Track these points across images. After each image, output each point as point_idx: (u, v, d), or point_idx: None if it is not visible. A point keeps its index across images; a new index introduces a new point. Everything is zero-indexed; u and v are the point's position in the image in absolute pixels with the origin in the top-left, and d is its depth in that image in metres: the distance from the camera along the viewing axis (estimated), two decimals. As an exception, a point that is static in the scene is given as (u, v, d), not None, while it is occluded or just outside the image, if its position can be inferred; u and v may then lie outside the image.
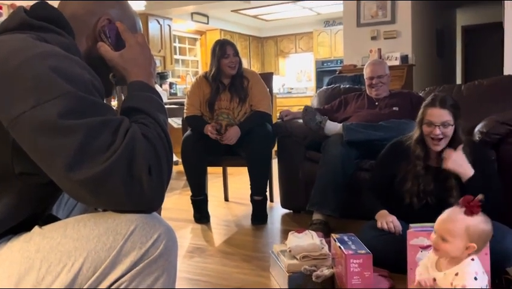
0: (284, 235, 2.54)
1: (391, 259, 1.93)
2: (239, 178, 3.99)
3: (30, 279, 0.87)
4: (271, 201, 3.43)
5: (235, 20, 8.59)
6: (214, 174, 3.93)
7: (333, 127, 2.76)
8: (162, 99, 1.03)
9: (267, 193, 3.09)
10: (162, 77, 7.06)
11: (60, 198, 1.24)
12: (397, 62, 5.50)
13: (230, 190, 3.72)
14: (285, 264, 1.92)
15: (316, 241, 1.99)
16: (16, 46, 0.88)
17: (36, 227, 0.93)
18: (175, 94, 7.30)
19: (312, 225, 2.61)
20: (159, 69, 7.04)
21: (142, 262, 0.88)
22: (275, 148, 3.18)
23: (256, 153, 2.92)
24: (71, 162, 0.81)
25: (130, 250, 0.88)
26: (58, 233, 0.90)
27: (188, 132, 3.07)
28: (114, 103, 4.61)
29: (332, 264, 1.90)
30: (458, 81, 8.12)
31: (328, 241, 2.01)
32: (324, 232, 2.48)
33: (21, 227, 0.95)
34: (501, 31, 4.61)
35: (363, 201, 2.29)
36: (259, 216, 3.00)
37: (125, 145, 0.84)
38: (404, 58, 5.54)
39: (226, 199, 3.68)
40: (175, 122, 5.36)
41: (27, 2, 1.11)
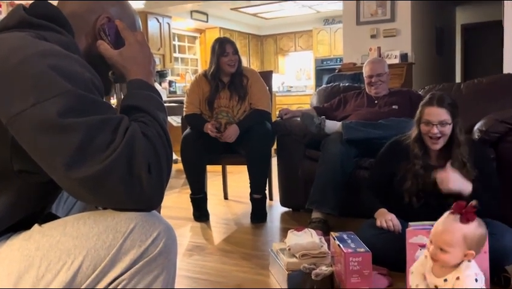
0: (283, 233, 2.55)
1: (390, 258, 1.94)
2: (238, 176, 3.99)
3: (30, 277, 0.87)
4: (270, 199, 3.43)
5: (234, 18, 8.59)
6: (214, 172, 3.93)
7: (332, 125, 2.76)
8: (161, 97, 1.03)
9: (267, 191, 3.08)
10: (161, 75, 7.06)
11: (59, 196, 1.24)
12: (396, 60, 5.49)
13: (229, 188, 3.72)
14: (284, 262, 1.92)
15: (315, 239, 1.99)
16: (15, 44, 0.88)
17: (36, 225, 0.93)
18: (174, 92, 7.30)
19: (311, 223, 2.61)
20: (158, 67, 7.03)
21: (142, 260, 0.88)
22: (274, 146, 3.18)
23: (255, 151, 2.92)
24: (70, 160, 0.81)
25: (129, 248, 0.88)
26: (58, 231, 0.90)
27: (187, 131, 3.07)
28: (114, 101, 4.61)
29: (332, 262, 1.91)
30: (458, 79, 8.11)
31: (327, 239, 2.02)
32: (323, 230, 2.48)
33: (20, 225, 0.95)
34: (501, 30, 4.61)
35: (362, 199, 2.30)
36: (258, 214, 3.00)
37: (125, 143, 0.84)
38: (403, 56, 5.53)
39: (226, 197, 3.68)
40: (174, 120, 5.36)
41: (26, 0, 1.11)
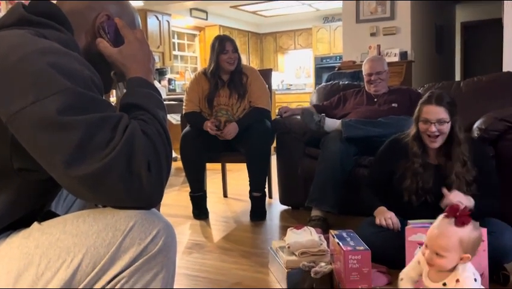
0: (283, 231, 2.55)
1: (389, 256, 1.94)
2: (238, 174, 3.99)
3: (29, 275, 0.87)
4: (270, 197, 3.43)
5: (234, 16, 8.57)
6: (213, 170, 3.93)
7: (332, 123, 2.76)
8: (161, 95, 1.03)
9: (266, 189, 3.09)
10: (161, 73, 7.06)
11: (59, 194, 1.24)
12: (396, 58, 5.49)
13: (229, 186, 3.72)
14: (283, 260, 1.92)
15: (315, 237, 1.99)
16: (15, 42, 0.88)
17: (35, 223, 0.93)
18: (174, 90, 7.30)
19: (311, 221, 2.61)
20: (158, 65, 7.02)
21: (141, 258, 0.88)
22: (274, 144, 3.17)
23: (255, 149, 2.92)
24: (70, 158, 0.81)
25: (129, 246, 0.88)
26: (57, 229, 0.90)
27: (187, 129, 3.07)
28: (113, 99, 4.60)
29: (331, 260, 1.91)
30: (457, 78, 8.11)
31: (327, 237, 2.02)
32: (323, 228, 2.48)
33: (20, 223, 0.95)
34: (500, 28, 4.61)
35: (362, 197, 2.30)
36: (258, 212, 3.00)
37: (124, 141, 0.84)
38: (403, 55, 5.53)
39: (225, 195, 3.68)
40: (174, 118, 5.36)
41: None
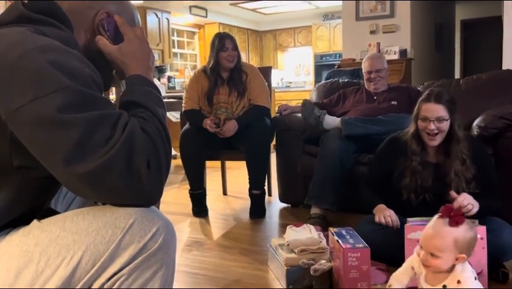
0: (282, 229, 2.55)
1: (389, 253, 1.94)
2: (237, 172, 3.99)
3: (29, 272, 0.88)
4: (269, 195, 3.43)
5: (233, 14, 8.56)
6: (213, 168, 3.92)
7: (331, 121, 2.76)
8: (160, 93, 1.03)
9: (266, 187, 3.09)
10: (160, 71, 7.05)
11: (59, 191, 1.24)
12: (395, 56, 5.49)
13: (228, 184, 3.72)
14: (283, 258, 1.92)
15: (314, 235, 1.99)
16: (14, 39, 0.87)
17: (35, 220, 0.93)
18: (173, 88, 7.29)
19: (310, 219, 2.61)
20: (157, 63, 7.01)
21: (141, 255, 0.88)
22: (274, 142, 3.18)
23: (254, 147, 2.92)
24: (70, 156, 0.81)
25: (129, 244, 0.88)
26: (57, 226, 0.90)
27: (186, 126, 3.07)
28: (113, 96, 4.60)
29: (330, 258, 1.91)
30: (457, 75, 8.12)
31: (326, 235, 2.02)
32: (322, 226, 2.48)
33: (20, 220, 0.95)
34: (500, 25, 4.61)
35: (361, 195, 2.30)
36: (257, 210, 3.00)
37: (124, 139, 0.84)
38: (403, 52, 5.53)
39: (225, 193, 3.68)
40: (174, 116, 5.35)
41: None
